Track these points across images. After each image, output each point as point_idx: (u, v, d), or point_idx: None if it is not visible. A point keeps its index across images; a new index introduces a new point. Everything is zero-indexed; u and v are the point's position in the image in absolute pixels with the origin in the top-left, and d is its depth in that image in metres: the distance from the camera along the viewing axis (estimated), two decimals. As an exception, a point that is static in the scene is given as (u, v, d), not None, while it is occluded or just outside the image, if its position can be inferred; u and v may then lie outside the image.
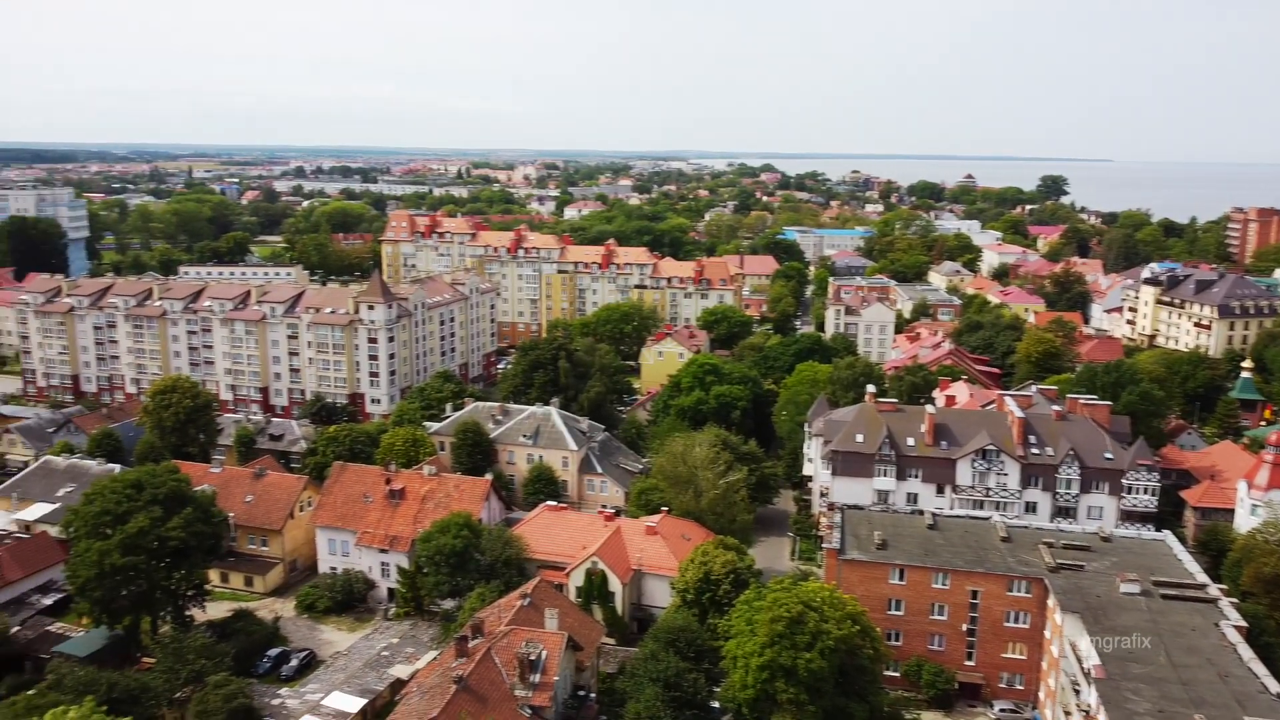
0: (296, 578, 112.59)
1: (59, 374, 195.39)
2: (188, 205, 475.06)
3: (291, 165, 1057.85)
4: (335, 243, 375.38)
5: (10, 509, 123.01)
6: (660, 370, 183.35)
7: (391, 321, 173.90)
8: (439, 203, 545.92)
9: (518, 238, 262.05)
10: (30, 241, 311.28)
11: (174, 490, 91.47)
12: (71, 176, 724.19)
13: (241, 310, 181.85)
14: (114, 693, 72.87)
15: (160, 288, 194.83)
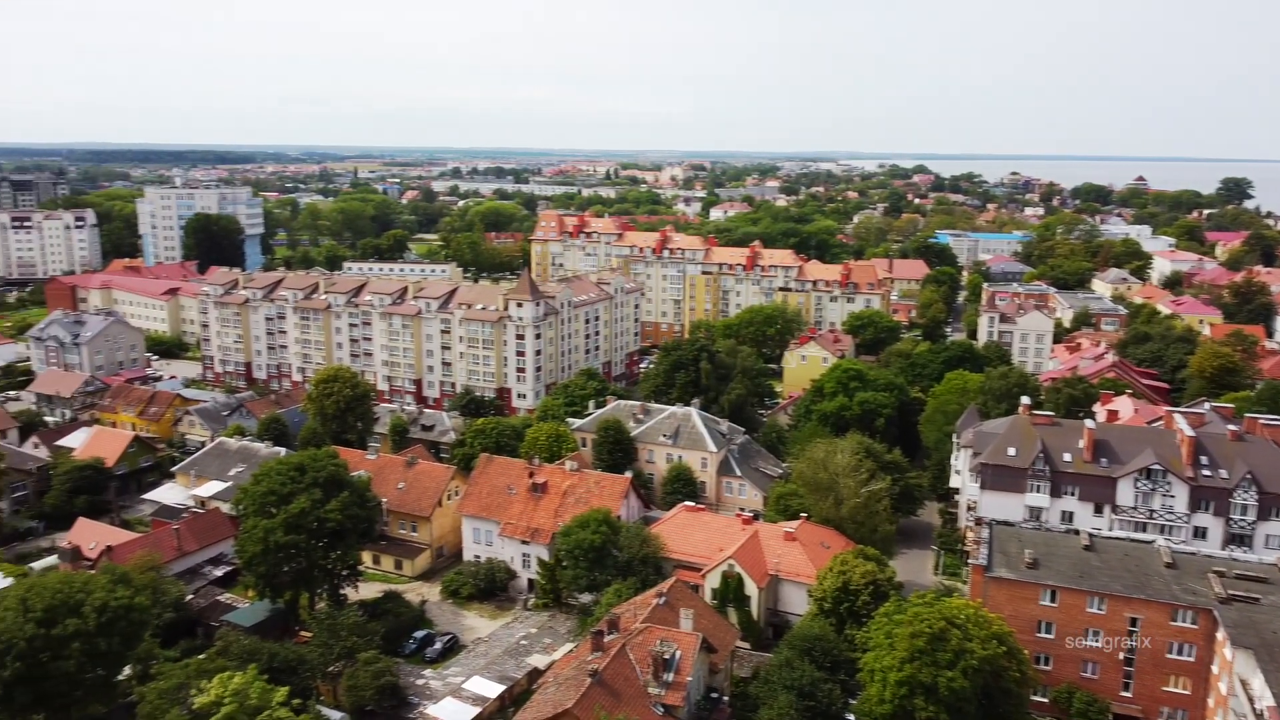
0: (442, 564, 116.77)
1: (234, 361, 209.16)
2: (353, 204, 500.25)
3: (449, 166, 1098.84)
4: (487, 241, 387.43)
5: (189, 485, 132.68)
6: (803, 374, 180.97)
7: (539, 319, 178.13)
8: (587, 203, 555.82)
9: (663, 238, 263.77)
10: (213, 236, 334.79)
11: (333, 474, 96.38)
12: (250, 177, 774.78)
13: (399, 305, 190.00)
14: (274, 662, 77.33)
15: (326, 282, 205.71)
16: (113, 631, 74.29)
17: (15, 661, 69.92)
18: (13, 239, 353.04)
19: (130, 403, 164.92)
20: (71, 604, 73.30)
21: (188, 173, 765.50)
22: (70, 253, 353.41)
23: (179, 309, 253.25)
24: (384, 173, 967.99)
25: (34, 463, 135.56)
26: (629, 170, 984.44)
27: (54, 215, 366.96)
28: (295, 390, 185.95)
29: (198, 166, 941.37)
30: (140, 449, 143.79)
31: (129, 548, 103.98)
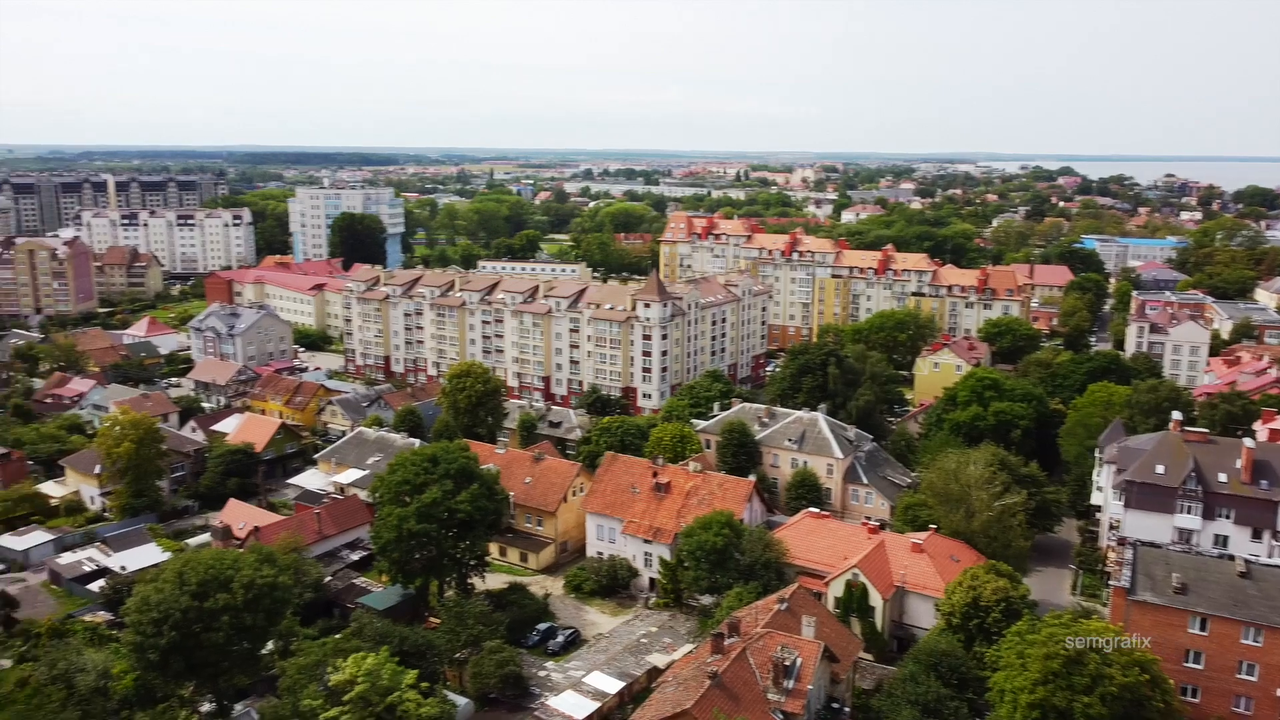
0: (566, 558, 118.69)
1: (374, 354, 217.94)
2: (488, 204, 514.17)
3: (581, 168, 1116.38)
4: (617, 242, 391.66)
5: (329, 472, 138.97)
6: (935, 382, 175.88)
7: (666, 320, 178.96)
8: (716, 205, 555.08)
9: (793, 241, 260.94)
10: (357, 235, 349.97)
11: (464, 467, 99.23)
12: (392, 178, 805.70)
13: (530, 303, 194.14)
14: (405, 646, 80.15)
15: (461, 280, 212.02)
16: (258, 607, 78.48)
17: (171, 631, 74.70)
18: (178, 236, 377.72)
19: (278, 392, 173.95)
20: (222, 580, 77.81)
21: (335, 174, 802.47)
22: (228, 249, 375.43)
23: (324, 304, 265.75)
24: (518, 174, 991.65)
25: (191, 446, 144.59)
26: (759, 172, 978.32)
27: (214, 214, 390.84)
28: (430, 384, 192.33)
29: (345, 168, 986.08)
30: (286, 436, 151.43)
31: (274, 529, 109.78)
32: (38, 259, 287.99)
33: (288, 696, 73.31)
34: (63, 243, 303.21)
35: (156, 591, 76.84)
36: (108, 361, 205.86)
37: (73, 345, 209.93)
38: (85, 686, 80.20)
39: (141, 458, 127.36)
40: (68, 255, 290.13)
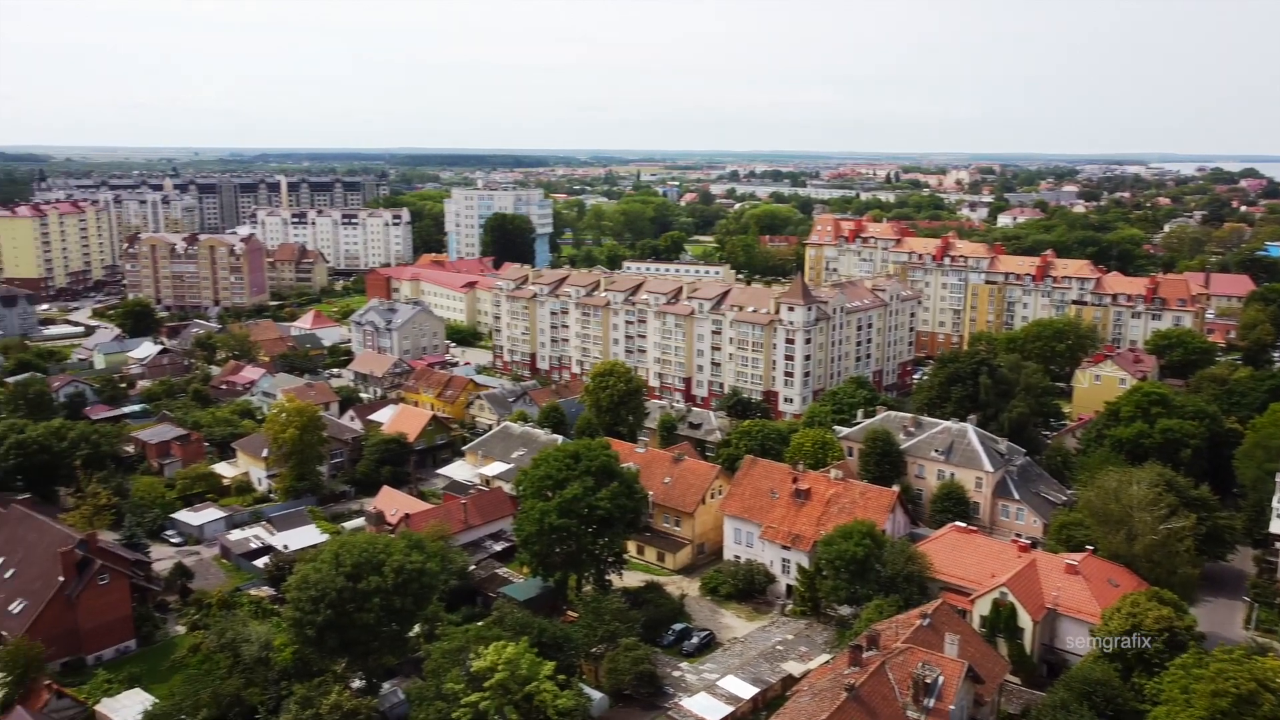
0: (703, 560, 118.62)
1: (521, 351, 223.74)
2: (634, 206, 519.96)
3: (727, 169, 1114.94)
4: (762, 244, 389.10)
5: (476, 464, 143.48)
6: (1095, 395, 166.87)
7: (810, 323, 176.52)
8: (865, 207, 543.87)
9: (944, 245, 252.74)
10: (507, 235, 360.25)
11: (605, 465, 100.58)
12: (542, 179, 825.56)
13: (673, 305, 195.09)
14: (543, 637, 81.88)
15: (606, 280, 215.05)
16: (406, 591, 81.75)
17: (327, 609, 78.71)
18: (342, 234, 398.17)
19: (430, 385, 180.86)
20: (374, 563, 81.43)
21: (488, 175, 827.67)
22: (388, 247, 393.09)
23: (475, 301, 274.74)
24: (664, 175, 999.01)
25: (350, 434, 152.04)
26: (910, 174, 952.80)
27: (376, 213, 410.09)
28: (574, 382, 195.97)
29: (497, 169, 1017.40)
30: (437, 428, 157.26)
31: (423, 517, 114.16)
32: (218, 254, 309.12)
33: (432, 679, 76.11)
34: (239, 239, 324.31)
35: (315, 571, 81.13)
36: (276, 352, 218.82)
37: (246, 336, 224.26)
38: (249, 656, 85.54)
39: (304, 443, 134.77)
40: (244, 251, 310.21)
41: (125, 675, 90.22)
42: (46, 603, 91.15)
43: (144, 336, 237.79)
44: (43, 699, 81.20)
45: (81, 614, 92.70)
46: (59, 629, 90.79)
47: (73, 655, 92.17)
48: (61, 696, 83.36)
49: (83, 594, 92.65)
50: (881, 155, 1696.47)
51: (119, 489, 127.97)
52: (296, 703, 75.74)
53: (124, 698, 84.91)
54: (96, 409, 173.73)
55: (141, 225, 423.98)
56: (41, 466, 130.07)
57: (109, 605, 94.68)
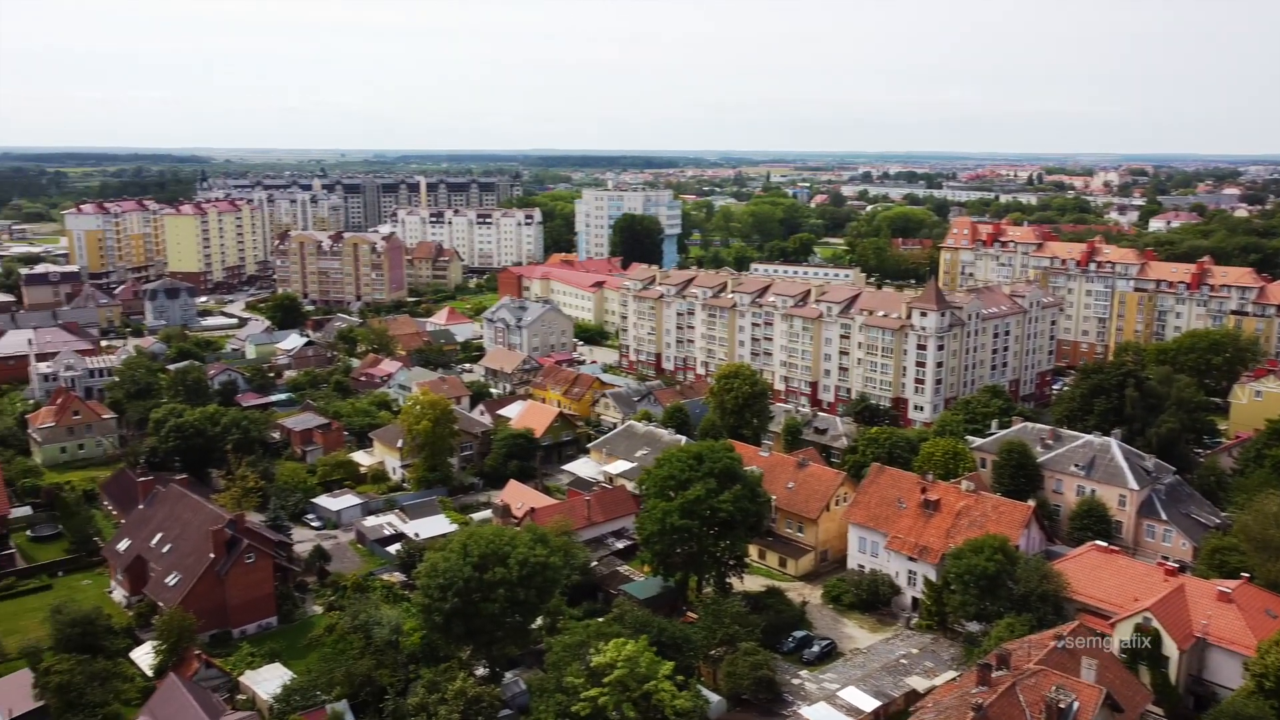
0: (825, 568, 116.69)
1: (646, 351, 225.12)
2: (763, 207, 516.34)
3: (859, 171, 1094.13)
4: (894, 247, 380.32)
5: (600, 461, 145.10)
6: (1256, 413, 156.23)
7: (943, 329, 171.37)
8: (1004, 210, 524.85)
9: (1090, 250, 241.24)
10: (636, 235, 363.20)
11: (728, 467, 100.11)
12: (672, 180, 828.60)
13: (801, 307, 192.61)
14: (663, 636, 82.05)
15: (733, 282, 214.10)
16: (530, 584, 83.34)
17: (454, 597, 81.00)
18: (477, 233, 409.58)
19: (558, 382, 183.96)
20: (500, 554, 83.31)
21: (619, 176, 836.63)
22: (519, 246, 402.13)
23: (603, 300, 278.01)
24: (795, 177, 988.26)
25: (479, 427, 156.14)
26: (1054, 175, 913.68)
27: (509, 213, 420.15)
28: (699, 383, 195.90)
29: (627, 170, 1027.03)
30: (563, 424, 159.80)
31: (548, 511, 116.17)
32: (360, 252, 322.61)
33: (552, 671, 77.37)
34: (381, 238, 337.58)
35: (444, 560, 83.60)
36: (413, 346, 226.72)
37: (385, 330, 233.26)
38: (380, 639, 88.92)
39: (437, 435, 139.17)
40: (384, 249, 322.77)
41: (266, 650, 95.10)
42: (199, 577, 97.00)
43: (291, 329, 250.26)
44: (193, 667, 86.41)
45: (229, 590, 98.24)
46: (209, 603, 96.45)
47: (220, 628, 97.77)
48: (209, 666, 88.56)
49: (231, 571, 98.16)
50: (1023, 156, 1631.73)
51: (265, 473, 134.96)
52: (424, 686, 78.23)
53: (265, 671, 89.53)
54: (247, 396, 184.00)
55: (291, 223, 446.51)
56: (197, 449, 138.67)
57: (254, 583, 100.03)
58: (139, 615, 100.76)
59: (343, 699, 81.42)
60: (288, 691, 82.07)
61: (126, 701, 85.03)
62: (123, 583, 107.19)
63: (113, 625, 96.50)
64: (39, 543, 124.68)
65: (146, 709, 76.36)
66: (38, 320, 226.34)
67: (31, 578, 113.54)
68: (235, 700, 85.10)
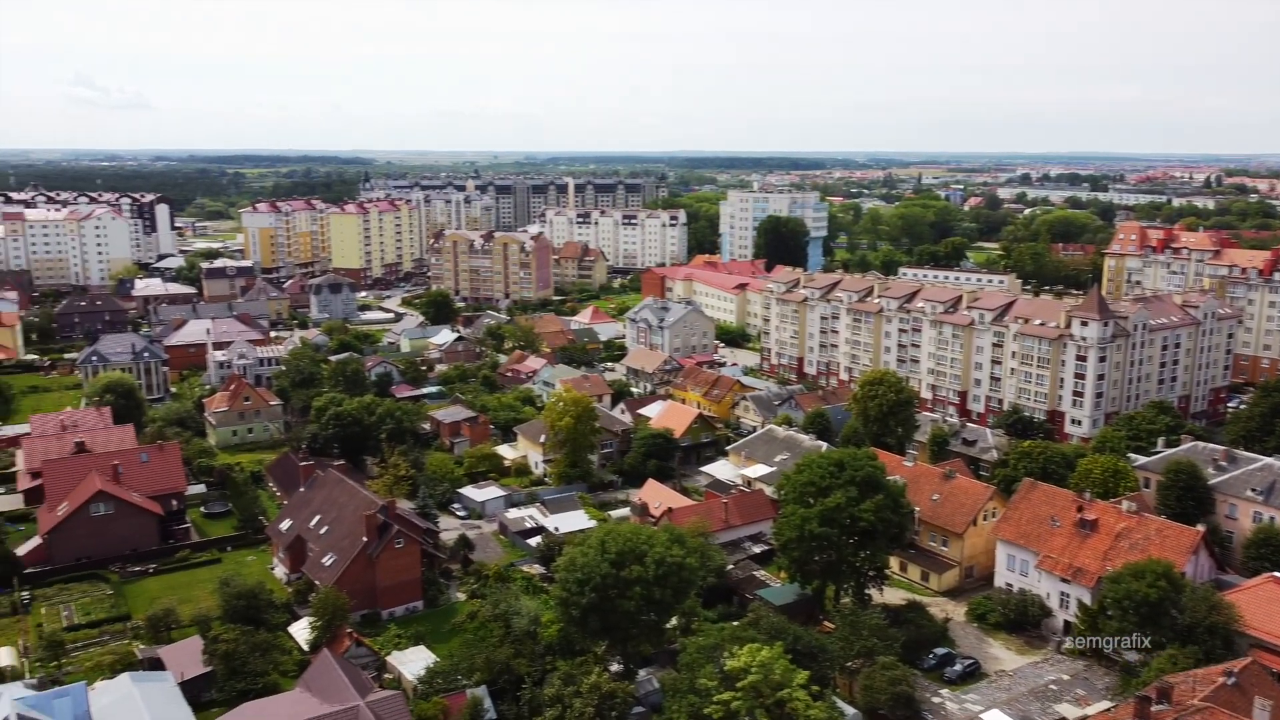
0: (970, 584, 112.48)
1: (788, 355, 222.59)
2: (913, 210, 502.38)
3: (1017, 172, 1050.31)
4: (1053, 252, 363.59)
5: (738, 464, 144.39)
6: None
7: (1105, 340, 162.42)
8: (1177, 214, 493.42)
9: (1275, 258, 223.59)
10: (781, 237, 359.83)
11: (870, 475, 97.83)
12: (818, 181, 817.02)
13: (951, 314, 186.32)
14: (798, 644, 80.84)
15: (880, 286, 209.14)
16: (666, 584, 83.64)
17: (591, 593, 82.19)
18: (621, 233, 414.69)
19: (698, 384, 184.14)
20: (637, 552, 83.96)
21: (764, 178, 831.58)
22: (664, 247, 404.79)
23: (745, 302, 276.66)
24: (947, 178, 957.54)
25: (620, 426, 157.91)
26: (1235, 177, 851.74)
27: (654, 214, 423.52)
28: (841, 388, 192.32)
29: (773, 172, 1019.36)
30: (702, 426, 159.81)
31: (685, 512, 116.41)
32: (510, 251, 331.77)
33: (686, 672, 77.38)
34: (529, 237, 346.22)
35: (582, 555, 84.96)
36: (557, 344, 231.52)
37: (531, 328, 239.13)
38: (519, 628, 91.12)
39: (578, 432, 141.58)
40: (533, 248, 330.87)
41: (412, 633, 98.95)
42: (352, 559, 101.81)
43: (443, 324, 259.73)
44: (345, 645, 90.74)
45: (379, 573, 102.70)
46: (360, 584, 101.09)
47: (370, 609, 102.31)
48: (360, 645, 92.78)
49: (381, 555, 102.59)
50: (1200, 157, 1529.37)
51: (416, 462, 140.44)
52: (560, 678, 79.67)
53: (410, 653, 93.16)
54: (401, 388, 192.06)
55: (446, 223, 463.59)
56: (354, 437, 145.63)
57: (402, 567, 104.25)
58: (297, 592, 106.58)
59: (482, 684, 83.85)
60: (431, 674, 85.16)
61: (284, 672, 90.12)
62: (284, 560, 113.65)
63: (274, 600, 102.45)
64: (211, 519, 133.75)
65: (302, 681, 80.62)
66: (215, 311, 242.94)
67: (203, 551, 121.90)
68: (382, 679, 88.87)
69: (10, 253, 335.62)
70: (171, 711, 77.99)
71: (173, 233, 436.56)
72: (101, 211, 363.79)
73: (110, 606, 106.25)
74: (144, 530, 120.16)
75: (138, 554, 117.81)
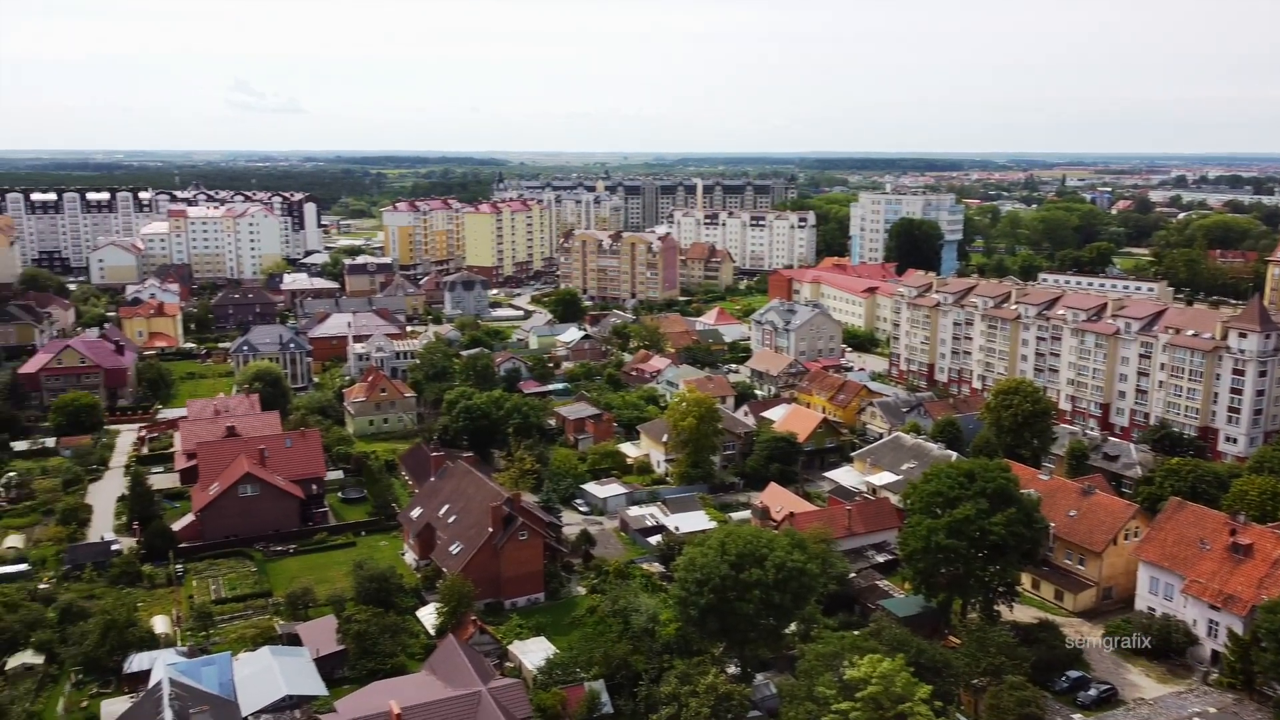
0: (1108, 606, 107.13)
1: (918, 361, 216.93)
2: (1055, 213, 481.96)
3: (1171, 174, 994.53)
4: (1209, 259, 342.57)
5: (863, 471, 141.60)
6: None
7: (1266, 353, 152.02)
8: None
9: None
10: (913, 240, 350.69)
11: (1002, 488, 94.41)
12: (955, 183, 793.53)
13: (1095, 322, 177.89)
14: (921, 658, 78.71)
15: (1018, 292, 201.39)
16: (786, 588, 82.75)
17: (710, 594, 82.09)
18: (749, 235, 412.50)
19: (823, 388, 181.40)
20: (757, 555, 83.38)
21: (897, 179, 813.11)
22: (791, 249, 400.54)
23: (874, 307, 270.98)
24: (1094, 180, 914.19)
25: (742, 428, 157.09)
26: None
27: (782, 216, 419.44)
28: (973, 397, 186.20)
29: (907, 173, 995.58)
30: (827, 430, 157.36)
31: (807, 518, 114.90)
32: (637, 251, 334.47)
33: (804, 679, 76.41)
34: (657, 238, 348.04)
35: (702, 555, 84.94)
36: (682, 344, 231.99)
37: (656, 327, 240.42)
38: (637, 625, 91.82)
39: (701, 433, 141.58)
40: (660, 249, 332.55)
41: (533, 623, 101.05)
42: (478, 549, 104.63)
43: (571, 323, 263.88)
44: (469, 632, 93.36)
45: (503, 563, 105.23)
46: (485, 574, 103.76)
47: (493, 598, 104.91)
48: (483, 632, 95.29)
49: (506, 546, 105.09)
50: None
51: (541, 457, 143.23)
52: (676, 676, 79.83)
53: (531, 643, 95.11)
54: (528, 384, 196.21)
55: (575, 222, 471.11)
56: (483, 430, 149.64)
57: (525, 559, 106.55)
58: (425, 578, 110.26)
59: (600, 678, 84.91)
60: (551, 665, 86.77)
61: (411, 655, 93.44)
62: (414, 547, 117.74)
63: (404, 585, 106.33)
64: (347, 504, 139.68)
65: (428, 664, 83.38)
66: (356, 306, 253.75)
67: (339, 534, 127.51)
68: (504, 667, 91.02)
69: (174, 248, 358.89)
70: (307, 685, 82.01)
71: (319, 230, 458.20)
72: (255, 210, 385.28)
73: (254, 583, 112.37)
74: (286, 512, 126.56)
75: (280, 534, 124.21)
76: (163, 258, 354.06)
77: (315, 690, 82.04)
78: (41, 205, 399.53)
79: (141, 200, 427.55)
